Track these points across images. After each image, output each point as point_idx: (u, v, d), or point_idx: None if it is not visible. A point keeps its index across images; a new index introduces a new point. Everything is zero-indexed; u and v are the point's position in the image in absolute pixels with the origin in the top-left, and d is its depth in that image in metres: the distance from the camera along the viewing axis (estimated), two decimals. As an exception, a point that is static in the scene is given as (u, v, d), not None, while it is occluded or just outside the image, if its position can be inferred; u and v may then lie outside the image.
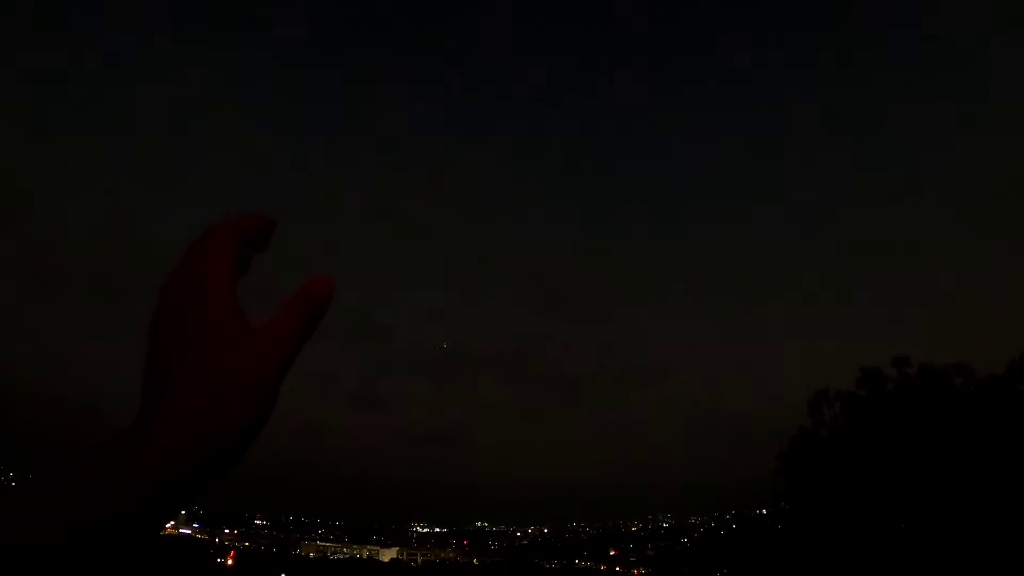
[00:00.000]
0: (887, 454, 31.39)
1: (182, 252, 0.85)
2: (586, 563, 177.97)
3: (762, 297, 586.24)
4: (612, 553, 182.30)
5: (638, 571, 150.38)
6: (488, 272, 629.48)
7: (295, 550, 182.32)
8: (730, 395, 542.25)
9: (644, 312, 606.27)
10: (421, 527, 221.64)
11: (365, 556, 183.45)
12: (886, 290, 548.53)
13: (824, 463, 36.31)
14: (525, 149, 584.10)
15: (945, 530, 26.51)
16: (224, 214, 0.90)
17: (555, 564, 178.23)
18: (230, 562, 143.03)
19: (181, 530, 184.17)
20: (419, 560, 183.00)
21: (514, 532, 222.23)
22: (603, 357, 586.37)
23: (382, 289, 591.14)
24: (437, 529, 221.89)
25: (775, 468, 40.08)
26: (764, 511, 51.36)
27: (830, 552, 30.92)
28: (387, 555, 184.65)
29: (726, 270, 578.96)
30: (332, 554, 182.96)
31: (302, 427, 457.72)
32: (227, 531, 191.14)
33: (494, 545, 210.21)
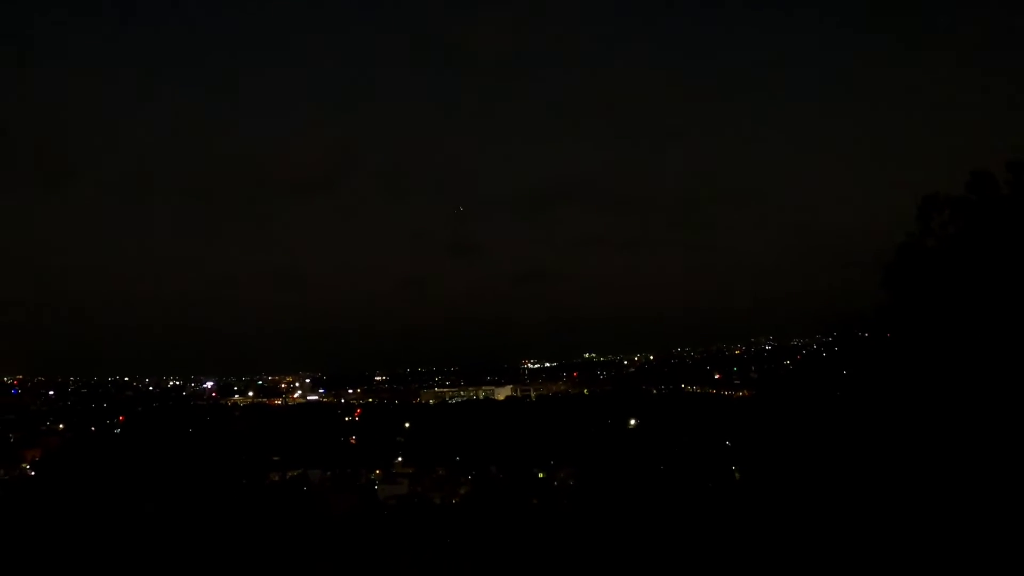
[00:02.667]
0: (1003, 265, 29.87)
1: None
2: (692, 387, 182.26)
3: (864, 102, 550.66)
4: (717, 377, 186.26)
5: (743, 393, 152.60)
6: (572, 100, 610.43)
7: (416, 399, 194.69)
8: (831, 212, 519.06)
9: (739, 126, 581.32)
10: (532, 363, 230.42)
11: (481, 397, 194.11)
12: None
13: (933, 274, 34.22)
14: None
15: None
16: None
17: (663, 389, 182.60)
18: (357, 418, 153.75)
19: (309, 397, 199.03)
20: (533, 395, 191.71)
21: (621, 361, 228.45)
22: (697, 179, 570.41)
23: (465, 133, 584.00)
24: (547, 364, 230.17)
25: (880, 280, 37.93)
26: (867, 334, 50.64)
27: (941, 369, 29.58)
28: (502, 393, 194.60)
29: (828, 71, 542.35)
30: (451, 398, 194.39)
31: (405, 283, 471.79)
32: (351, 391, 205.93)
33: (602, 375, 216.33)
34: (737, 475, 66.57)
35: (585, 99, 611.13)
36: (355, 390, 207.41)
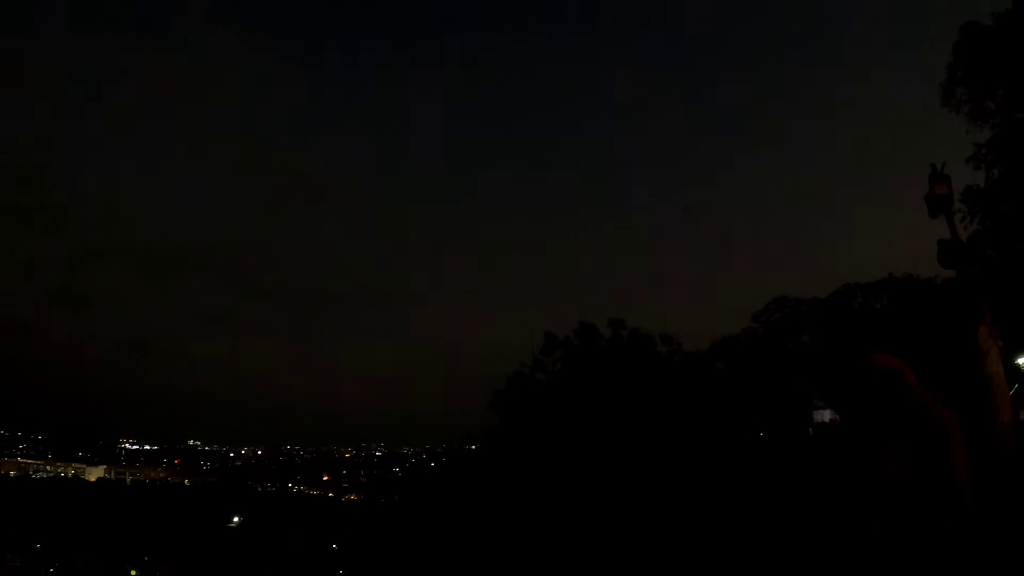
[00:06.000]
0: (593, 401, 35.51)
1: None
2: (299, 487, 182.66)
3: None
4: (326, 478, 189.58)
5: (352, 496, 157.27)
6: (216, 171, 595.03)
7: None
8: (455, 334, 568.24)
9: (382, 238, 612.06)
10: (131, 444, 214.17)
11: (70, 475, 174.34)
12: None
13: (537, 404, 39.53)
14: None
15: (635, 479, 29.72)
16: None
17: (269, 487, 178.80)
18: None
19: None
20: (128, 480, 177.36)
21: (227, 452, 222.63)
22: (348, 281, 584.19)
23: (90, 172, 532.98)
24: (147, 447, 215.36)
25: (489, 403, 42.75)
26: (475, 447, 53.11)
27: (534, 485, 33.81)
28: (94, 474, 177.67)
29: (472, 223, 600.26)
30: (35, 472, 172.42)
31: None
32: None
33: (207, 465, 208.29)
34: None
35: (248, 170, 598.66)
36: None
